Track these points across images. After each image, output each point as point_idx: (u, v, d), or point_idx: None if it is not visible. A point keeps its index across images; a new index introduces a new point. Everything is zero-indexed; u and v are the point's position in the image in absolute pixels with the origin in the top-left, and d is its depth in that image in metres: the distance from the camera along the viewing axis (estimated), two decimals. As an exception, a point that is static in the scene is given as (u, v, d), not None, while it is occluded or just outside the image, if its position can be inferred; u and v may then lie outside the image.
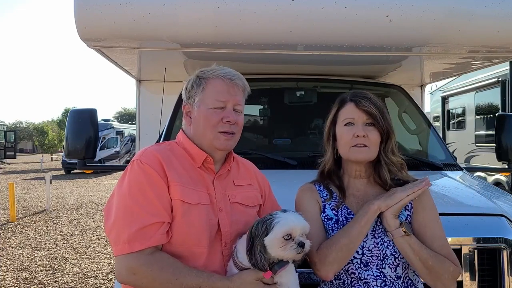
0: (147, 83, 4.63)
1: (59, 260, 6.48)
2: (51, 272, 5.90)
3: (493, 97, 8.34)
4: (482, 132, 8.63)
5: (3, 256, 6.71)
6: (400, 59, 3.27)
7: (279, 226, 1.38)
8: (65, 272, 5.89)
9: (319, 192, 1.69)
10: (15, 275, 5.78)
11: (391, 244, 1.53)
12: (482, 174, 8.24)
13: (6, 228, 8.80)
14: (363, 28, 2.51)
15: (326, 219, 1.64)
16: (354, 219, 1.55)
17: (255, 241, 1.39)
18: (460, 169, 3.04)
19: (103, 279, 5.59)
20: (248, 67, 3.28)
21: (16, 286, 5.36)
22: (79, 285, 5.39)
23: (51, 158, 39.93)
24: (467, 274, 1.88)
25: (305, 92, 3.60)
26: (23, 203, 12.22)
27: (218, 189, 1.60)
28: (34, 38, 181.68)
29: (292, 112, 3.60)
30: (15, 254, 6.81)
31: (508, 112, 7.65)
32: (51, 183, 12.13)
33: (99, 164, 14.62)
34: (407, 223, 1.53)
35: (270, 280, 1.44)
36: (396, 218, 1.51)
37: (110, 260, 6.39)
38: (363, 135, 1.58)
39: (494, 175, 8.10)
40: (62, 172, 23.70)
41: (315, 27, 2.48)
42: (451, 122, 10.55)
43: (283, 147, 3.34)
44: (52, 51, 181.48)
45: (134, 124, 5.56)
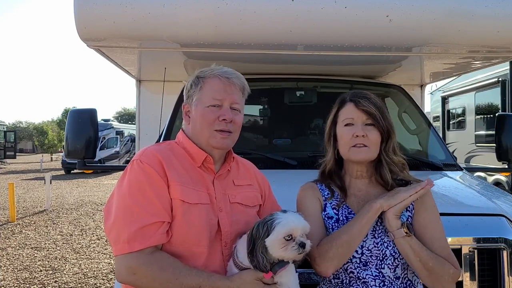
0: (147, 83, 4.63)
1: (59, 260, 6.48)
2: (51, 272, 5.90)
3: (493, 97, 8.34)
4: (482, 132, 8.63)
5: (3, 256, 6.71)
6: (400, 59, 3.27)
7: (280, 226, 1.38)
8: (65, 272, 5.89)
9: (320, 191, 1.70)
10: (15, 275, 5.78)
11: (391, 244, 1.53)
12: (482, 174, 8.24)
13: (6, 228, 8.80)
14: (363, 28, 2.51)
15: (327, 218, 1.64)
16: (356, 216, 1.55)
17: (256, 242, 1.38)
18: (460, 169, 3.05)
19: (103, 279, 5.59)
20: (248, 67, 3.28)
21: (16, 286, 5.36)
22: (79, 285, 5.39)
23: (51, 158, 39.94)
24: (467, 274, 1.88)
25: (305, 92, 3.60)
26: (23, 203, 12.22)
27: (218, 189, 1.60)
28: (34, 38, 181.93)
29: (292, 112, 3.60)
30: (15, 254, 6.81)
31: (508, 112, 7.65)
32: (51, 183, 12.13)
33: (99, 164, 14.62)
34: (409, 223, 1.52)
35: (270, 280, 1.44)
36: (397, 219, 1.51)
37: (110, 260, 6.39)
38: (363, 135, 1.58)
39: (494, 175, 8.10)
40: (62, 172, 23.70)
41: (315, 27, 2.49)
42: (451, 122, 10.55)
43: (283, 147, 3.34)
44: (52, 51, 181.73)
45: (134, 124, 5.56)
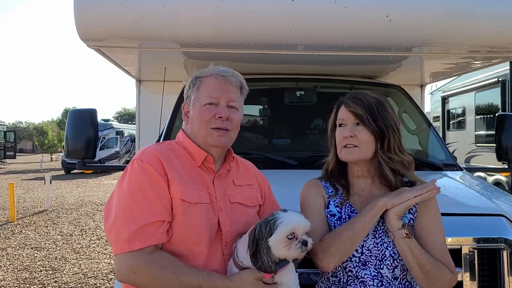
0: (147, 83, 4.63)
1: (59, 260, 6.48)
2: (51, 272, 5.90)
3: (493, 97, 8.34)
4: (482, 132, 8.63)
5: (3, 256, 6.71)
6: (400, 59, 3.27)
7: (283, 225, 1.38)
8: (65, 272, 5.89)
9: (325, 188, 1.71)
10: (15, 275, 5.78)
11: (390, 245, 1.54)
12: (482, 174, 8.24)
13: (6, 228, 8.80)
14: (363, 28, 2.51)
15: (329, 215, 1.64)
16: (359, 213, 1.56)
17: (260, 243, 1.38)
18: (460, 169, 3.05)
19: (103, 279, 5.59)
20: (248, 67, 3.28)
21: (16, 286, 5.36)
22: (79, 285, 5.39)
23: (51, 158, 39.94)
24: (467, 274, 1.88)
25: (305, 92, 3.60)
26: (23, 203, 12.22)
27: (218, 188, 1.60)
28: (34, 38, 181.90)
29: (292, 112, 3.60)
30: (15, 254, 6.81)
31: (508, 112, 7.65)
32: (51, 183, 12.13)
33: (99, 164, 14.61)
34: (410, 225, 1.53)
35: (270, 280, 1.44)
36: (399, 219, 1.51)
37: (110, 260, 6.39)
38: (351, 136, 1.60)
39: (494, 175, 8.10)
40: (62, 172, 23.70)
41: (315, 27, 2.49)
42: (451, 122, 10.55)
43: (283, 147, 3.34)
44: (52, 51, 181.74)
45: (134, 124, 5.56)
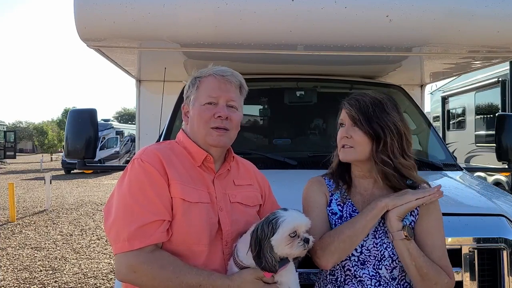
0: (147, 83, 4.63)
1: (59, 260, 6.48)
2: (51, 272, 5.90)
3: (493, 97, 8.34)
4: (482, 132, 8.63)
5: (3, 256, 6.71)
6: (400, 59, 3.27)
7: (285, 224, 1.39)
8: (65, 272, 5.89)
9: (328, 186, 1.71)
10: (15, 275, 5.78)
11: (390, 246, 1.54)
12: (482, 174, 8.24)
13: (6, 228, 8.80)
14: (363, 28, 2.51)
15: (331, 213, 1.65)
16: (360, 213, 1.56)
17: (263, 243, 1.37)
18: (460, 169, 3.05)
19: (103, 279, 5.59)
20: (248, 67, 3.28)
21: (16, 286, 5.36)
22: (79, 285, 5.39)
23: (51, 158, 39.94)
24: (467, 274, 1.88)
25: (305, 92, 3.60)
26: (23, 203, 12.22)
27: (218, 188, 1.60)
28: (34, 38, 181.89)
29: (292, 112, 3.60)
30: (15, 254, 6.81)
31: (508, 112, 7.65)
32: (51, 183, 12.13)
33: (99, 164, 14.62)
34: (410, 227, 1.52)
35: (270, 279, 1.44)
36: (399, 221, 1.51)
37: (110, 260, 6.39)
38: (346, 136, 1.60)
39: (494, 175, 8.10)
40: (62, 172, 23.70)
41: (315, 27, 2.49)
42: (451, 122, 10.55)
43: (283, 147, 3.34)
44: (52, 51, 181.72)
45: (134, 124, 5.56)
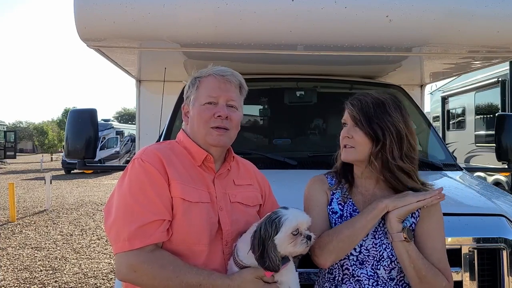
0: (147, 83, 4.63)
1: (59, 260, 6.48)
2: (51, 272, 5.91)
3: (493, 97, 8.34)
4: (482, 132, 8.63)
5: (3, 256, 6.72)
6: (400, 59, 3.27)
7: (288, 222, 1.39)
8: (65, 272, 5.89)
9: (330, 185, 1.71)
10: (15, 275, 5.78)
11: (389, 247, 1.54)
12: (482, 174, 8.24)
13: (6, 228, 8.80)
14: (363, 28, 2.51)
15: (331, 212, 1.65)
16: (360, 213, 1.56)
17: (266, 242, 1.37)
18: (460, 169, 3.05)
19: (103, 279, 5.60)
20: (248, 67, 3.29)
21: (16, 286, 5.36)
22: (79, 285, 5.39)
23: (51, 158, 39.93)
24: (467, 274, 1.88)
25: (305, 92, 3.60)
26: (23, 203, 12.22)
27: (218, 188, 1.60)
28: (34, 38, 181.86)
29: (292, 112, 3.60)
30: (15, 254, 6.81)
31: (508, 112, 7.65)
32: (51, 183, 12.13)
33: (99, 164, 14.62)
34: (410, 229, 1.52)
35: (271, 279, 1.44)
36: (399, 222, 1.51)
37: (110, 260, 6.39)
38: (347, 136, 1.60)
39: (494, 175, 8.10)
40: (62, 172, 23.70)
41: (315, 27, 2.49)
42: (451, 122, 10.56)
43: (283, 147, 3.34)
44: (52, 51, 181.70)
45: (134, 124, 5.56)
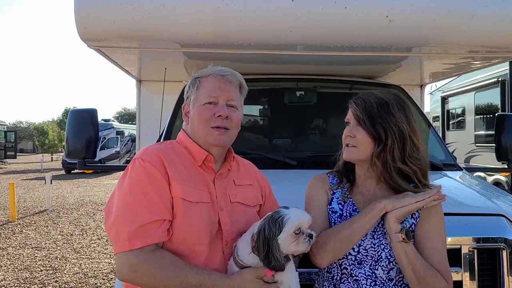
0: (147, 83, 4.64)
1: (59, 260, 6.49)
2: (51, 272, 5.91)
3: (492, 97, 8.34)
4: (482, 132, 8.63)
5: (4, 256, 6.72)
6: (400, 59, 3.27)
7: (291, 222, 1.39)
8: (65, 272, 5.89)
9: (331, 184, 1.71)
10: (15, 275, 5.79)
11: (387, 247, 1.54)
12: (482, 174, 8.24)
13: (7, 228, 8.81)
14: (363, 28, 2.51)
15: (331, 212, 1.65)
16: (359, 214, 1.56)
17: (271, 242, 1.37)
18: (460, 169, 3.05)
19: (103, 279, 5.60)
20: (248, 67, 3.29)
21: (17, 286, 5.37)
22: (79, 285, 5.39)
23: (52, 158, 39.94)
24: (467, 274, 1.88)
25: (305, 92, 3.60)
26: (23, 203, 12.22)
27: (218, 188, 1.60)
28: (34, 38, 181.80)
29: (292, 112, 3.60)
30: (16, 254, 6.82)
31: (508, 112, 7.65)
32: (51, 183, 12.13)
33: (99, 164, 14.63)
34: (409, 230, 1.51)
35: (271, 279, 1.44)
36: (398, 223, 1.50)
37: (111, 260, 6.39)
38: (350, 135, 1.60)
39: (494, 175, 8.10)
40: (63, 172, 23.71)
41: (315, 27, 2.49)
42: (450, 122, 10.56)
43: (283, 147, 3.34)
44: (52, 51, 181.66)
45: (134, 124, 5.57)
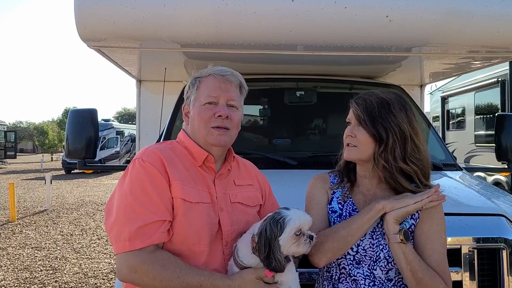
0: (147, 83, 4.64)
1: (59, 260, 6.49)
2: (51, 272, 5.91)
3: (492, 97, 8.34)
4: (482, 132, 8.63)
5: (4, 256, 6.72)
6: (400, 59, 3.27)
7: (292, 223, 1.39)
8: (65, 272, 5.89)
9: (332, 184, 1.71)
10: (15, 275, 5.79)
11: (386, 247, 1.53)
12: (482, 174, 8.25)
13: (7, 228, 8.81)
14: (363, 28, 2.51)
15: (331, 211, 1.65)
16: (357, 214, 1.56)
17: (272, 243, 1.37)
18: (460, 169, 3.05)
19: (103, 279, 5.60)
20: (248, 67, 3.29)
21: (17, 286, 5.37)
22: (79, 285, 5.39)
23: (52, 158, 39.92)
24: (467, 274, 1.88)
25: (305, 92, 3.61)
26: (23, 203, 12.22)
27: (218, 188, 1.60)
28: (34, 38, 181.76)
29: (292, 112, 3.60)
30: (16, 254, 6.82)
31: (508, 112, 7.65)
32: (51, 183, 12.14)
33: (99, 164, 14.64)
34: (407, 231, 1.51)
35: (271, 279, 1.44)
36: (397, 224, 1.50)
37: (110, 260, 6.39)
38: (350, 135, 1.60)
39: (494, 175, 8.10)
40: (62, 172, 23.71)
41: (315, 27, 2.49)
42: (450, 122, 10.56)
43: (283, 147, 3.34)
44: (52, 51, 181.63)
45: (134, 124, 5.57)
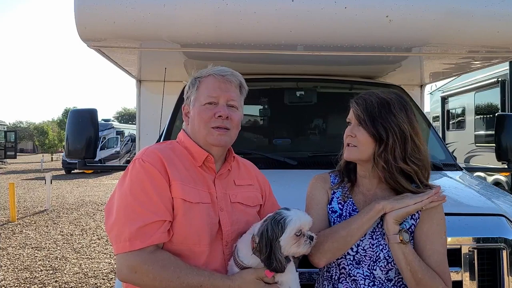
0: (147, 83, 4.64)
1: (60, 260, 6.49)
2: (51, 272, 5.91)
3: (492, 97, 8.34)
4: (482, 132, 8.63)
5: (4, 256, 6.72)
6: (400, 59, 3.27)
7: (293, 223, 1.40)
8: (65, 272, 5.89)
9: (332, 183, 1.71)
10: (15, 275, 5.79)
11: (386, 248, 1.53)
12: (482, 174, 8.25)
13: (7, 228, 8.81)
14: (363, 28, 2.51)
15: (331, 211, 1.65)
16: (357, 214, 1.56)
17: (273, 244, 1.37)
18: (460, 169, 3.05)
19: (103, 279, 5.60)
20: (248, 67, 3.29)
21: (17, 286, 5.37)
22: (79, 285, 5.40)
23: (52, 158, 39.94)
24: (467, 274, 1.88)
25: (305, 92, 3.61)
26: (23, 203, 12.22)
27: (219, 188, 1.61)
28: (34, 38, 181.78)
29: (292, 112, 3.60)
30: (16, 254, 6.82)
31: (508, 112, 7.65)
32: (51, 183, 12.14)
33: (99, 164, 14.64)
34: (407, 231, 1.51)
35: (271, 279, 1.44)
36: (396, 224, 1.50)
37: (111, 260, 6.39)
38: (351, 135, 1.60)
39: (494, 175, 8.10)
40: (63, 172, 23.72)
41: (315, 27, 2.49)
42: (450, 122, 10.56)
43: (283, 147, 3.34)
44: (52, 51, 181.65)
45: (134, 124, 5.57)
